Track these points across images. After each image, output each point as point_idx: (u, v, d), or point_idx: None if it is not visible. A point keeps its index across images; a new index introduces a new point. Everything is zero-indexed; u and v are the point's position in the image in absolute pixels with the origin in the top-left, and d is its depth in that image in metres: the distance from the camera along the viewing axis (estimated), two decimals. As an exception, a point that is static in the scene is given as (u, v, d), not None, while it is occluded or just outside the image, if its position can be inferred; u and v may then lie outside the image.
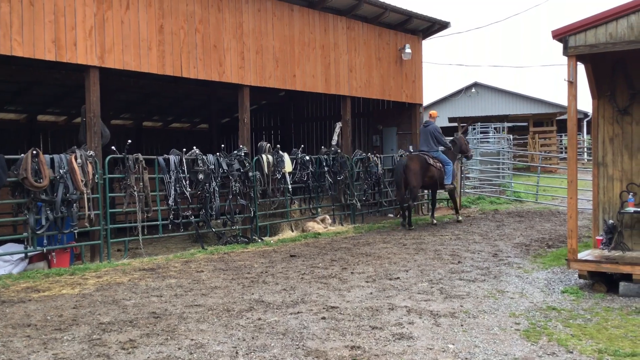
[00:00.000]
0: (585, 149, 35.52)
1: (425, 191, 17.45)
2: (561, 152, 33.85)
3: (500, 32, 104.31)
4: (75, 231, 9.37)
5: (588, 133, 37.34)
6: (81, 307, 6.69)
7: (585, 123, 37.68)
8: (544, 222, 14.07)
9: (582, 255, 7.56)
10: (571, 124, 7.35)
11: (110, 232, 10.07)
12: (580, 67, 7.99)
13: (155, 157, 10.74)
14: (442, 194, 19.84)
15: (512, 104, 37.40)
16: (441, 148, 14.27)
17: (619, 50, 7.14)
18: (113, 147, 10.27)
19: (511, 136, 26.29)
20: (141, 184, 10.17)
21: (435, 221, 14.16)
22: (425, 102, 27.80)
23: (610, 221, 8.14)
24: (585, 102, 39.63)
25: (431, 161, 13.83)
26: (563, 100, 34.49)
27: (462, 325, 5.82)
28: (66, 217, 9.19)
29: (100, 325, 5.94)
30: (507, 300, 6.82)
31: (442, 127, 42.93)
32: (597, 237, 8.15)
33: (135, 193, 10.06)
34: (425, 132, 14.25)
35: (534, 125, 33.75)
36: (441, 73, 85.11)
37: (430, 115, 14.62)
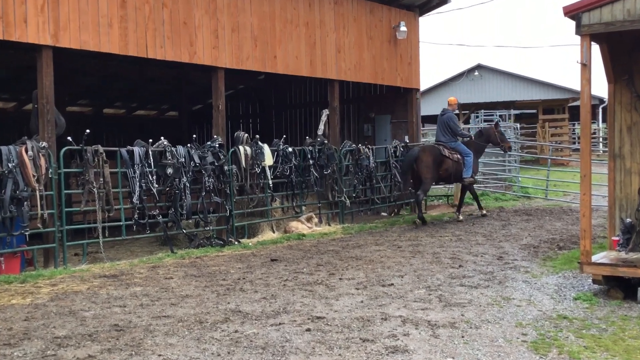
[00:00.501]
0: (601, 139, 35.86)
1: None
2: (574, 143, 34.13)
3: (506, 8, 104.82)
4: (27, 233, 9.29)
5: (604, 121, 37.67)
6: (33, 319, 6.64)
7: (600, 110, 38.03)
8: (555, 221, 14.19)
9: (596, 257, 7.64)
10: (584, 112, 7.41)
11: (67, 234, 10.00)
12: (595, 48, 8.04)
13: (117, 148, 10.67)
14: (435, 190, 19.91)
15: (519, 88, 37.61)
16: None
17: (638, 29, 7.20)
18: (69, 138, 10.18)
19: (518, 125, 26.44)
20: (101, 179, 10.10)
21: (461, 217, 14.59)
22: (423, 87, 27.85)
23: (628, 220, 8.22)
24: (601, 86, 39.86)
25: (446, 152, 14.26)
26: (576, 85, 34.73)
27: (463, 337, 5.86)
28: (16, 217, 9.11)
29: (56, 340, 5.90)
30: (513, 308, 6.87)
31: (441, 115, 43.00)
32: (614, 238, 8.24)
33: (95, 190, 9.99)
34: (441, 122, 14.67)
35: (544, 112, 33.97)
36: (440, 54, 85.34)
37: (449, 102, 14.98)
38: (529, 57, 75.64)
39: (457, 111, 14.51)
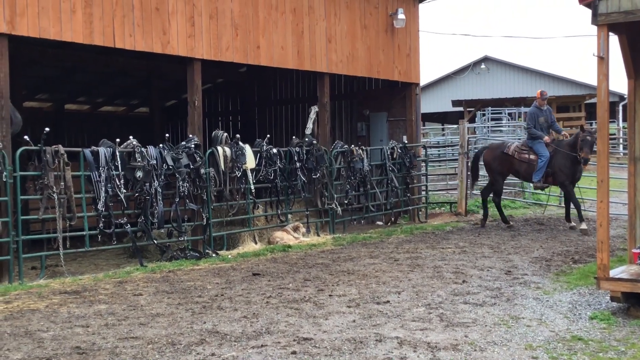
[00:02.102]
0: (621, 140, 36.07)
1: (424, 192, 17.62)
2: (591, 144, 34.26)
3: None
4: (-23, 244, 9.24)
5: (624, 120, 37.92)
6: (-16, 341, 6.61)
7: (620, 108, 38.28)
8: (569, 232, 14.26)
9: (615, 272, 7.67)
10: (602, 110, 7.45)
11: (23, 245, 9.94)
12: (614, 39, 8.10)
13: (80, 149, 10.64)
14: (436, 197, 19.96)
15: (529, 83, 37.86)
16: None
17: (661, 19, 7.24)
18: (26, 137, 10.15)
19: (529, 124, 26.48)
20: (62, 183, 10.07)
21: (573, 224, 14.63)
22: (423, 81, 28.03)
23: (650, 230, 8.26)
24: (621, 82, 40.17)
25: (511, 151, 14.99)
26: (593, 80, 34.95)
27: (466, 361, 5.88)
28: (-35, 226, 9.06)
29: (9, 364, 5.87)
30: (523, 328, 6.90)
31: (444, 113, 43.30)
32: (634, 250, 8.28)
33: (55, 195, 9.95)
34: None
35: (558, 110, 34.12)
36: (443, 45, 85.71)
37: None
38: (541, 49, 76.12)
39: (544, 106, 14.77)
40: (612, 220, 11.86)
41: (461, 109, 34.43)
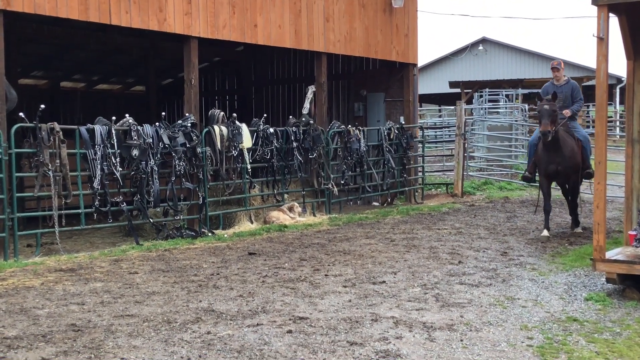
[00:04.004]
0: (618, 123, 36.09)
1: (420, 173, 17.61)
2: (588, 127, 34.30)
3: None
4: (-28, 221, 9.24)
5: (622, 103, 37.92)
6: (-20, 318, 6.62)
7: (618, 90, 38.25)
8: (565, 213, 14.27)
9: (611, 254, 7.70)
10: (600, 91, 7.44)
11: (18, 222, 9.94)
12: (614, 20, 8.06)
13: (76, 127, 10.60)
14: (433, 178, 19.98)
15: (528, 65, 37.78)
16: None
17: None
18: (21, 114, 10.10)
19: (526, 106, 26.55)
20: (58, 161, 10.04)
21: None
22: (421, 62, 27.93)
23: (646, 212, 8.28)
24: (619, 64, 40.07)
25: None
26: (591, 62, 34.89)
27: (462, 340, 5.90)
28: (-40, 203, 9.05)
29: (5, 341, 5.88)
30: (518, 309, 6.92)
31: (441, 94, 43.26)
32: (630, 232, 8.30)
33: (50, 173, 9.93)
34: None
35: (555, 92, 34.02)
36: (441, 26, 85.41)
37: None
38: (540, 30, 75.91)
39: (562, 81, 11.75)
40: (608, 202, 11.82)
41: (458, 90, 34.35)
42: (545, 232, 11.31)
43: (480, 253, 9.96)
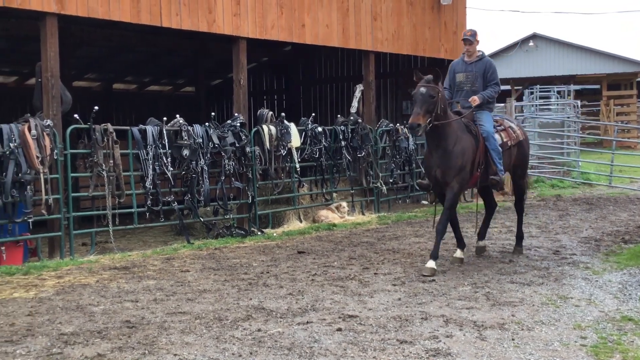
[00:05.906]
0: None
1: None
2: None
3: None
4: (30, 220, 9.44)
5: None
6: (38, 315, 6.78)
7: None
8: (620, 212, 14.00)
9: (667, 252, 7.54)
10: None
11: (74, 221, 10.14)
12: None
13: (128, 127, 10.78)
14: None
15: (580, 61, 37.00)
16: None
17: None
18: (76, 115, 10.31)
19: (579, 102, 26.07)
20: (111, 161, 10.21)
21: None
22: (470, 59, 27.52)
23: None
24: (675, 58, 39.05)
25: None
26: (646, 57, 34.10)
27: (513, 339, 5.84)
28: (18, 202, 9.27)
29: (62, 337, 6.02)
30: (571, 308, 6.82)
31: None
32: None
33: (104, 173, 10.12)
34: None
35: (609, 88, 33.43)
36: (490, 22, 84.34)
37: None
38: (592, 25, 74.36)
39: (473, 58, 9.56)
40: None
41: (509, 87, 33.90)
42: (430, 263, 8.43)
43: (532, 251, 9.84)
